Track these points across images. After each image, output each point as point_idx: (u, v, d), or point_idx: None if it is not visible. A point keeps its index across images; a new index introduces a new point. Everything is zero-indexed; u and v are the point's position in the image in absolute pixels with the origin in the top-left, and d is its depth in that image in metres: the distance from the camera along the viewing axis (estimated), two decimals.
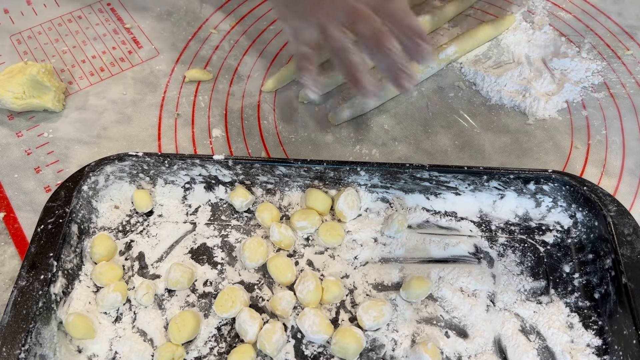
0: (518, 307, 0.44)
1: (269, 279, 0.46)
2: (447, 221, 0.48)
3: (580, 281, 0.45)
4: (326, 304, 0.45)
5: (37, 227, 0.44)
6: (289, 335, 0.43)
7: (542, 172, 0.47)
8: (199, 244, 0.48)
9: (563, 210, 0.48)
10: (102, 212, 0.48)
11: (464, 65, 0.60)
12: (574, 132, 0.55)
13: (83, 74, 0.60)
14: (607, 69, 0.60)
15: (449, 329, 0.43)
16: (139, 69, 0.60)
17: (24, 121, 0.56)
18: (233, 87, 0.59)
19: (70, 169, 0.53)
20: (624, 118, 0.56)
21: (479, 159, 0.53)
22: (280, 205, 0.49)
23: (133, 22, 0.64)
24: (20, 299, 0.40)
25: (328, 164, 0.47)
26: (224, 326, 0.44)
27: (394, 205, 0.49)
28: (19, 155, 0.54)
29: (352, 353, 0.41)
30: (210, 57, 0.61)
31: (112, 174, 0.48)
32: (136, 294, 0.44)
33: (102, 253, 0.45)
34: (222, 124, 0.56)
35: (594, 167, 0.53)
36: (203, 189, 0.50)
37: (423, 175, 0.47)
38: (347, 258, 0.47)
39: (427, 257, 0.47)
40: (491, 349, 0.42)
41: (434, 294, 0.45)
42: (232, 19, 0.65)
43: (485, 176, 0.47)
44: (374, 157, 0.53)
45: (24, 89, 0.54)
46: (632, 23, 0.64)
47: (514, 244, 0.47)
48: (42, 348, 0.40)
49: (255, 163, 0.47)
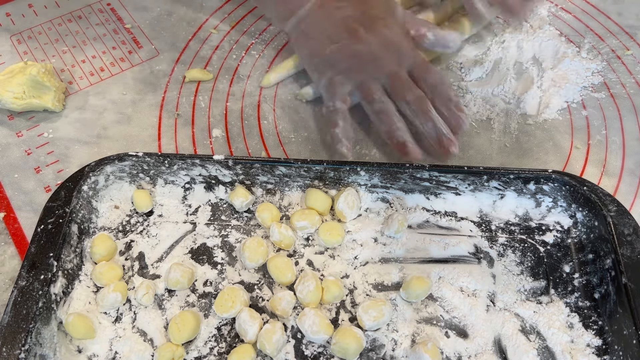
0: (518, 307, 0.44)
1: (269, 279, 0.46)
2: (447, 221, 0.49)
3: (580, 281, 0.45)
4: (326, 304, 0.45)
5: (37, 227, 0.44)
6: (289, 335, 0.43)
7: (542, 172, 0.47)
8: (199, 244, 0.48)
9: (563, 210, 0.48)
10: (102, 212, 0.48)
11: (464, 65, 0.60)
12: (574, 132, 0.55)
13: (83, 74, 0.60)
14: (607, 69, 0.60)
15: (449, 329, 0.43)
16: (139, 69, 0.60)
17: (24, 121, 0.56)
18: (233, 87, 0.59)
19: (70, 169, 0.53)
20: (624, 118, 0.56)
21: (479, 159, 0.53)
22: (280, 205, 0.49)
23: (133, 22, 0.64)
24: (20, 299, 0.40)
25: (328, 164, 0.47)
26: (224, 326, 0.44)
27: (394, 205, 0.49)
28: (19, 155, 0.54)
29: (352, 353, 0.41)
30: (210, 57, 0.61)
31: (112, 174, 0.48)
32: (136, 294, 0.44)
33: (102, 253, 0.45)
34: (222, 124, 0.56)
35: (594, 167, 0.53)
36: (203, 189, 0.50)
37: (423, 175, 0.47)
38: (347, 258, 0.47)
39: (427, 257, 0.47)
40: (491, 349, 0.42)
41: (434, 294, 0.45)
42: (232, 19, 0.65)
43: (485, 176, 0.47)
44: (374, 157, 0.53)
45: (24, 89, 0.54)
46: (632, 23, 0.64)
47: (514, 244, 0.47)
48: (42, 348, 0.40)
49: (255, 163, 0.47)
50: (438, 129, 0.49)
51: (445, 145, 0.49)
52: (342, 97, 0.51)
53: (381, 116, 0.50)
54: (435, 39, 0.53)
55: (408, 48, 0.52)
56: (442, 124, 0.49)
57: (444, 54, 0.59)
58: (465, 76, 0.59)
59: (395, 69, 0.51)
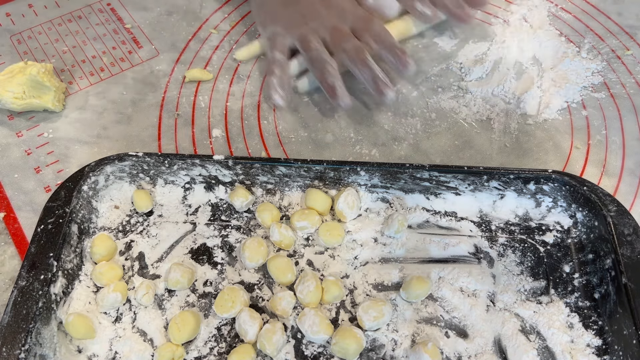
0: (518, 307, 0.44)
1: (269, 279, 0.46)
2: (447, 221, 0.49)
3: (580, 281, 0.45)
4: (326, 304, 0.45)
5: (37, 227, 0.44)
6: (289, 335, 0.43)
7: (542, 172, 0.47)
8: (199, 244, 0.48)
9: (563, 210, 0.48)
10: (102, 212, 0.48)
11: (464, 65, 0.60)
12: (574, 132, 0.55)
13: (83, 74, 0.60)
14: (607, 69, 0.60)
15: (449, 329, 0.43)
16: (139, 69, 0.60)
17: (24, 121, 0.56)
18: (233, 87, 0.59)
19: (70, 169, 0.53)
20: (624, 118, 0.56)
21: (479, 159, 0.53)
22: (280, 205, 0.49)
23: (133, 22, 0.64)
24: (20, 299, 0.40)
25: (328, 164, 0.47)
26: (224, 326, 0.44)
27: (394, 205, 0.49)
28: (19, 155, 0.54)
29: (352, 353, 0.41)
30: (210, 57, 0.61)
31: (112, 174, 0.48)
32: (136, 294, 0.44)
33: (102, 253, 0.45)
34: (222, 124, 0.56)
35: (594, 167, 0.53)
36: (203, 189, 0.50)
37: (423, 175, 0.47)
38: (347, 258, 0.47)
39: (427, 257, 0.47)
40: (491, 349, 0.42)
41: (434, 294, 0.45)
42: (232, 19, 0.65)
43: (485, 176, 0.47)
44: (374, 157, 0.53)
45: (24, 89, 0.54)
46: (632, 23, 0.64)
47: (514, 244, 0.47)
48: (42, 348, 0.40)
49: (255, 163, 0.47)
50: (375, 75, 0.51)
51: (381, 88, 0.51)
52: (282, 48, 0.55)
53: (315, 63, 0.53)
54: (375, 1, 0.57)
55: (350, 6, 0.56)
56: (379, 71, 0.51)
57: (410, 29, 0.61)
58: (465, 76, 0.59)
59: (335, 23, 0.54)
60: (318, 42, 0.54)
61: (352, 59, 0.52)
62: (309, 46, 0.53)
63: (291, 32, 0.55)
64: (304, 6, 0.56)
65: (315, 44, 0.53)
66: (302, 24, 0.55)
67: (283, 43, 0.55)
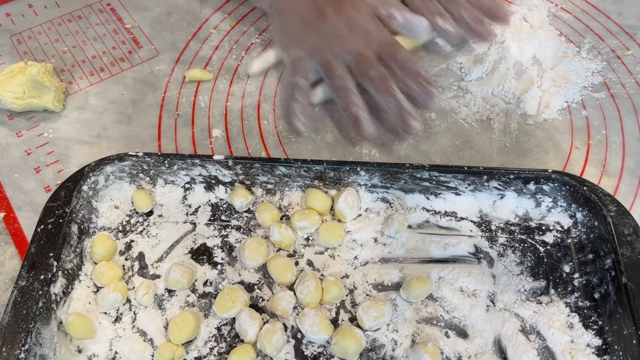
0: (518, 307, 0.44)
1: (269, 279, 0.46)
2: (447, 221, 0.49)
3: (580, 281, 0.45)
4: (326, 304, 0.45)
5: (37, 227, 0.44)
6: (289, 335, 0.43)
7: (542, 172, 0.47)
8: (199, 244, 0.48)
9: (563, 210, 0.48)
10: (102, 212, 0.48)
11: (464, 65, 0.60)
12: (574, 132, 0.55)
13: (83, 74, 0.60)
14: (607, 69, 0.60)
15: (449, 329, 0.43)
16: (139, 69, 0.60)
17: (24, 121, 0.56)
18: (233, 87, 0.59)
19: (70, 169, 0.53)
20: (624, 118, 0.56)
21: (479, 159, 0.53)
22: (280, 205, 0.49)
23: (133, 22, 0.64)
24: (20, 299, 0.40)
25: (328, 164, 0.47)
26: (224, 326, 0.44)
27: (394, 205, 0.49)
28: (19, 155, 0.54)
29: (352, 353, 0.41)
30: (210, 57, 0.61)
31: (112, 174, 0.48)
32: (136, 294, 0.44)
33: (102, 253, 0.45)
34: (222, 124, 0.56)
35: (594, 167, 0.53)
36: (203, 189, 0.50)
37: (423, 175, 0.47)
38: (347, 258, 0.47)
39: (427, 257, 0.47)
40: (491, 349, 0.42)
41: (434, 294, 0.45)
42: (232, 19, 0.65)
43: (485, 176, 0.47)
44: (374, 157, 0.53)
45: (24, 89, 0.54)
46: (632, 23, 0.64)
47: (514, 244, 0.47)
48: (42, 348, 0.40)
49: (255, 163, 0.47)
50: (399, 105, 0.48)
51: (406, 120, 0.48)
52: (304, 74, 0.52)
53: (339, 91, 0.51)
54: (404, 22, 0.54)
55: (375, 29, 0.53)
56: (404, 100, 0.49)
57: (417, 40, 0.59)
58: (465, 76, 0.59)
59: (360, 48, 0.52)
60: (342, 68, 0.51)
61: (377, 87, 0.49)
62: (333, 74, 0.51)
63: (315, 57, 0.52)
64: (327, 29, 0.53)
65: (339, 70, 0.51)
66: (326, 48, 0.52)
67: (306, 68, 0.52)
